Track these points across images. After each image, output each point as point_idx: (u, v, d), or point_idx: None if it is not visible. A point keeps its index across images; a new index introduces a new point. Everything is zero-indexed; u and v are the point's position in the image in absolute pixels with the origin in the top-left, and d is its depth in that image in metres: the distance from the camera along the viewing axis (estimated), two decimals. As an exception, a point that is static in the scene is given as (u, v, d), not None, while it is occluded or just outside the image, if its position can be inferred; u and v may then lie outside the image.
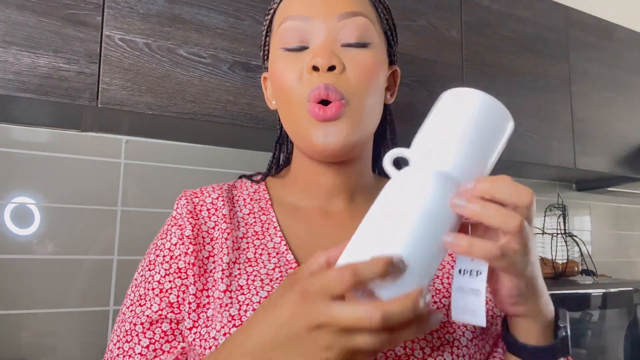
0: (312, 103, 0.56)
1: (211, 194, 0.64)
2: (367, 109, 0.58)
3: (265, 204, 0.64)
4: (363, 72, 0.57)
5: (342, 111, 0.55)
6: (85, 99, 0.95)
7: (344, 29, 0.58)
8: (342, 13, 0.58)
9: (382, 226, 0.41)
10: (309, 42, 0.58)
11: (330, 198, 0.63)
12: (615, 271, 2.12)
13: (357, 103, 0.57)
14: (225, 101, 1.07)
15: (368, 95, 0.58)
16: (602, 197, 2.15)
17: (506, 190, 0.43)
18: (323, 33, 0.57)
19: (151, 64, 1.01)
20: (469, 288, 0.44)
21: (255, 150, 1.40)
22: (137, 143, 1.29)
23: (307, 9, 0.58)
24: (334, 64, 0.56)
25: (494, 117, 0.45)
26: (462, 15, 1.43)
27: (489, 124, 0.45)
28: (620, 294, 1.58)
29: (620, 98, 1.74)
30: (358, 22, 0.58)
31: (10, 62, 0.90)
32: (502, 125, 0.46)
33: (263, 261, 0.58)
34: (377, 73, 0.59)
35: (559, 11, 1.64)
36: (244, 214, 0.63)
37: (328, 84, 0.55)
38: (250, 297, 0.54)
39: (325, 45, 0.57)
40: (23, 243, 1.16)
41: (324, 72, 0.56)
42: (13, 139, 1.17)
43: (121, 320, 0.57)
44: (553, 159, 1.55)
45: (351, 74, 0.57)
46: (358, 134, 0.57)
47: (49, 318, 1.15)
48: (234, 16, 1.10)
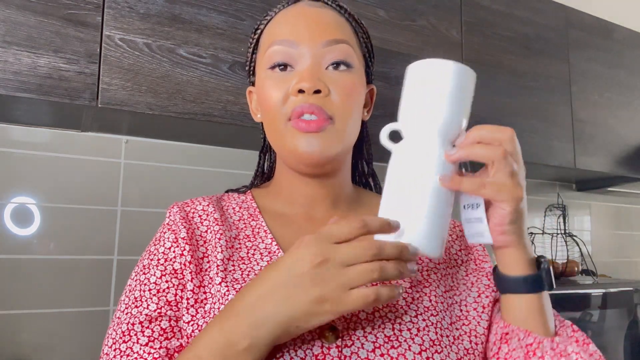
0: (294, 120, 0.60)
1: (202, 202, 0.67)
2: (349, 126, 0.62)
3: (254, 211, 0.67)
4: (346, 94, 0.61)
5: (325, 126, 0.59)
6: (85, 99, 0.95)
7: (329, 55, 0.62)
8: (327, 40, 0.62)
9: (392, 199, 0.53)
10: (296, 66, 0.62)
11: (313, 206, 0.67)
12: (615, 271, 2.12)
13: (340, 122, 0.61)
14: (225, 101, 1.07)
15: (351, 114, 0.62)
16: (602, 197, 2.15)
17: (488, 131, 0.53)
18: (309, 58, 0.61)
19: (151, 64, 1.01)
20: (474, 217, 0.54)
21: (255, 150, 1.40)
22: (137, 143, 1.29)
23: (294, 34, 0.62)
24: (319, 88, 0.59)
25: (466, 81, 0.54)
26: (462, 15, 1.43)
27: (462, 87, 0.54)
28: (620, 294, 1.58)
29: (620, 98, 1.74)
30: (342, 49, 0.62)
31: (10, 62, 0.90)
32: (471, 85, 0.55)
33: (256, 259, 0.60)
34: (358, 94, 0.64)
35: (559, 11, 1.64)
36: (234, 219, 0.66)
37: (313, 103, 0.59)
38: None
39: (311, 70, 0.60)
40: (23, 243, 1.16)
41: (309, 95, 0.60)
42: (13, 139, 1.17)
43: (116, 324, 0.57)
44: (553, 159, 1.55)
45: (335, 97, 0.61)
46: (339, 147, 0.62)
47: (49, 318, 1.15)
48: (234, 16, 1.10)
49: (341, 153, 0.63)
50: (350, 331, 0.54)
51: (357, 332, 0.54)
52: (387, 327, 0.55)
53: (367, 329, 0.55)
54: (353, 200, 0.70)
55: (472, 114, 0.59)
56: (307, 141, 0.59)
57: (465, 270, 0.67)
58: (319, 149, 0.59)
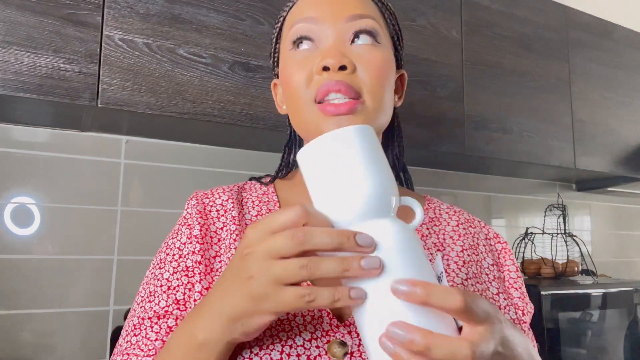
0: (322, 104, 0.55)
1: (221, 195, 0.64)
2: (382, 106, 0.57)
3: (274, 206, 0.64)
4: (375, 70, 0.57)
5: (357, 107, 0.55)
6: (85, 99, 0.95)
7: (354, 29, 0.58)
8: (351, 15, 0.58)
9: None
10: (319, 44, 0.58)
11: None
12: (615, 271, 2.12)
13: (372, 100, 0.56)
14: (225, 101, 1.07)
15: (383, 92, 0.57)
16: (602, 197, 2.15)
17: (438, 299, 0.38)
18: (332, 34, 0.57)
19: (151, 64, 1.01)
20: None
21: (255, 150, 1.40)
22: (137, 143, 1.29)
23: (316, 12, 0.58)
24: (345, 64, 0.55)
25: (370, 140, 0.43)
26: (462, 15, 1.43)
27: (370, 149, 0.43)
28: (620, 294, 1.58)
29: (620, 98, 1.74)
30: (367, 22, 0.58)
31: (10, 62, 0.90)
32: (375, 142, 0.44)
33: None
34: (388, 72, 0.59)
35: (559, 11, 1.64)
36: (252, 215, 0.63)
37: (340, 80, 0.55)
38: None
39: (335, 46, 0.56)
40: (23, 243, 1.16)
41: (334, 72, 0.55)
42: (13, 139, 1.17)
43: (131, 316, 0.58)
44: (553, 159, 1.55)
45: (363, 73, 0.56)
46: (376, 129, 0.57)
47: (49, 318, 1.15)
48: (234, 16, 1.10)
49: (378, 133, 0.58)
50: (361, 347, 0.51)
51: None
52: None
53: None
54: None
55: (473, 114, 0.57)
56: (337, 124, 0.54)
57: (497, 288, 0.62)
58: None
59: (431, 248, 0.62)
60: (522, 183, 1.93)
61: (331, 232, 0.39)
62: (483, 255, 0.64)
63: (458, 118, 1.36)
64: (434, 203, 0.69)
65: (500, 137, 1.45)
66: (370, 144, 0.43)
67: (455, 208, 0.69)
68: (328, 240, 0.39)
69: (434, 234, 0.64)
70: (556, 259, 1.76)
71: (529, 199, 1.96)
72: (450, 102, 1.36)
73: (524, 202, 1.95)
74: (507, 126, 1.47)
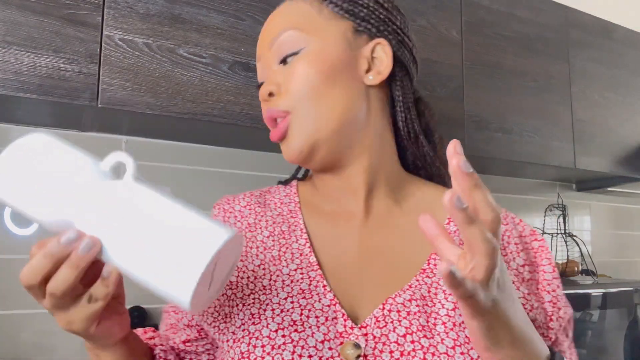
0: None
1: (241, 201, 0.66)
2: (315, 111, 0.57)
3: (294, 207, 0.64)
4: (297, 81, 0.57)
5: (285, 126, 0.58)
6: (85, 99, 0.95)
7: (274, 54, 0.60)
8: (270, 41, 0.60)
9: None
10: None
11: (346, 199, 0.62)
12: (615, 271, 2.12)
13: (300, 110, 0.57)
14: (225, 101, 1.07)
15: (310, 97, 0.57)
16: (602, 197, 2.15)
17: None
18: (262, 67, 0.62)
19: (151, 64, 1.01)
20: None
21: (255, 150, 1.40)
22: (137, 143, 1.29)
23: (258, 49, 0.63)
24: (270, 90, 0.58)
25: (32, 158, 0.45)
26: (462, 15, 1.43)
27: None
28: (620, 294, 1.58)
29: (620, 98, 1.74)
30: (282, 42, 0.59)
31: (10, 62, 0.90)
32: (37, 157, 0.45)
33: (286, 260, 0.58)
34: (313, 74, 0.57)
35: (559, 11, 1.64)
36: (274, 214, 0.64)
37: (268, 107, 0.59)
38: (271, 297, 0.55)
39: (263, 77, 0.61)
40: (23, 243, 1.16)
41: (268, 102, 0.59)
42: (13, 139, 1.17)
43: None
44: (553, 159, 1.55)
45: (288, 88, 0.58)
46: (313, 138, 0.57)
47: (49, 318, 1.15)
48: (234, 16, 1.10)
49: (323, 139, 0.57)
50: (376, 350, 0.50)
51: (383, 355, 0.50)
52: (418, 356, 0.49)
53: (395, 353, 0.50)
54: (396, 188, 0.62)
55: (474, 115, 0.57)
56: (282, 149, 0.60)
57: (527, 289, 0.59)
58: (291, 150, 0.58)
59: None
60: (522, 183, 1.93)
61: (60, 239, 0.41)
62: (512, 256, 0.60)
63: (458, 118, 1.36)
64: None
65: (500, 137, 1.45)
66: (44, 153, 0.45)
67: None
68: (58, 249, 0.41)
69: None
70: (556, 259, 1.76)
71: (528, 199, 1.96)
72: (450, 102, 1.36)
73: (523, 202, 1.95)
74: (507, 126, 1.47)
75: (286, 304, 0.54)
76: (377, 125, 0.61)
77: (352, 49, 0.60)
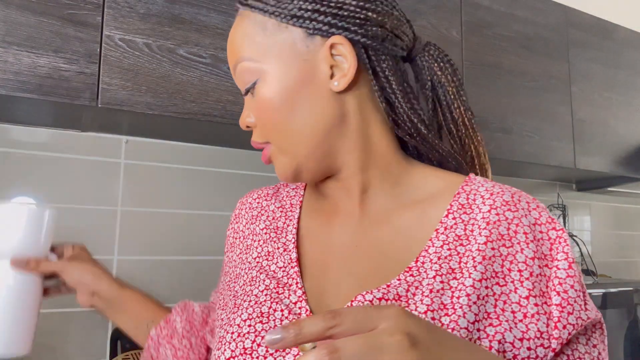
0: None
1: (253, 195, 0.71)
2: (288, 138, 0.56)
3: (297, 201, 0.67)
4: (261, 115, 0.57)
5: (269, 154, 0.59)
6: (85, 99, 0.95)
7: (238, 82, 0.60)
8: (232, 68, 0.60)
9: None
10: None
11: (341, 198, 0.62)
12: (615, 271, 2.12)
13: (275, 141, 0.58)
14: (225, 101, 1.07)
15: (279, 130, 0.56)
16: (602, 197, 2.15)
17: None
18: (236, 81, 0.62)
19: (151, 64, 1.01)
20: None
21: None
22: (137, 143, 1.29)
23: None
24: (247, 124, 0.60)
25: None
26: (462, 15, 1.43)
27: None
28: (620, 294, 1.58)
29: (620, 98, 1.74)
30: (238, 73, 0.58)
31: (10, 62, 0.90)
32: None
33: (273, 255, 0.62)
34: (276, 103, 0.55)
35: (559, 11, 1.64)
36: (276, 207, 0.67)
37: (252, 138, 0.61)
38: (252, 289, 0.59)
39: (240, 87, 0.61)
40: (23, 243, 1.16)
41: (248, 130, 0.62)
42: (13, 139, 1.17)
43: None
44: (553, 159, 1.55)
45: (260, 121, 0.58)
46: (294, 162, 0.57)
47: (49, 318, 1.15)
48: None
49: (303, 160, 0.57)
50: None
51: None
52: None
53: None
54: (395, 183, 0.59)
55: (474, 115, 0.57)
56: (275, 170, 0.61)
57: (527, 291, 0.50)
58: (279, 174, 0.60)
59: (452, 242, 0.53)
60: (522, 183, 1.93)
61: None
62: (519, 247, 0.52)
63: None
64: (472, 185, 0.58)
65: (500, 137, 1.45)
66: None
67: (497, 188, 0.56)
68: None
69: (461, 223, 0.54)
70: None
71: (529, 199, 1.96)
72: (450, 102, 1.36)
73: (524, 202, 1.95)
74: (507, 126, 1.47)
75: (261, 297, 0.57)
76: (360, 124, 0.57)
77: (306, 60, 0.55)
